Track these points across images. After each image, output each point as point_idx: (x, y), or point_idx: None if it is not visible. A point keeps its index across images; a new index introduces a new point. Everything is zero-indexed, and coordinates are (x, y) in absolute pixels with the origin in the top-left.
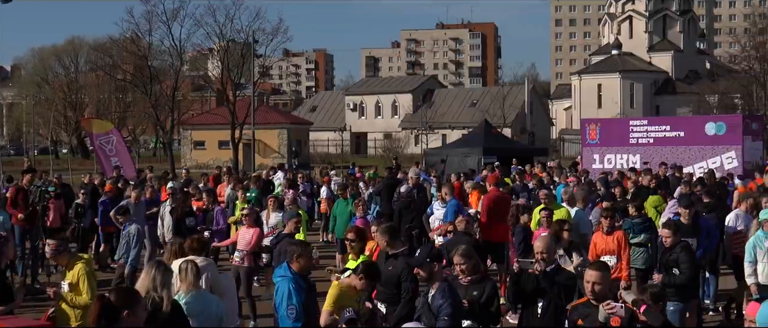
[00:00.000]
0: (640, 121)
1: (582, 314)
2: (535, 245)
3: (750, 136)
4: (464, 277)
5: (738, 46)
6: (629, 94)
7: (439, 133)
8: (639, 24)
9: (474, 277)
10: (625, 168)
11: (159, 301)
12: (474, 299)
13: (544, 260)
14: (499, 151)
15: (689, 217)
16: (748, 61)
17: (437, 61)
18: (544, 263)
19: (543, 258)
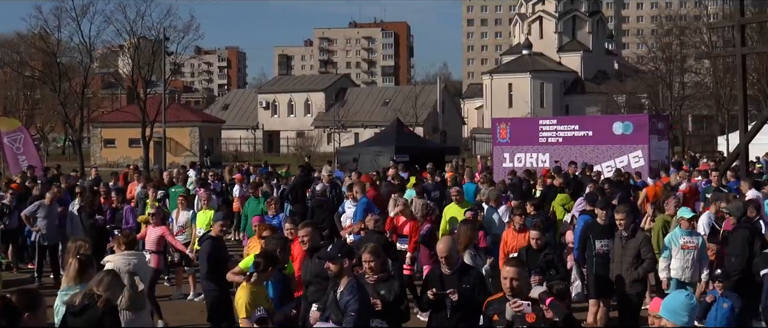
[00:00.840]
0: (550, 121)
1: (498, 309)
2: (438, 247)
3: (656, 136)
4: (372, 275)
5: (645, 47)
6: (539, 94)
7: (351, 131)
8: (549, 24)
9: (382, 275)
10: (534, 167)
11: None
12: (382, 297)
13: (447, 262)
14: (411, 150)
15: (606, 217)
16: (655, 61)
17: (350, 60)
18: (447, 267)
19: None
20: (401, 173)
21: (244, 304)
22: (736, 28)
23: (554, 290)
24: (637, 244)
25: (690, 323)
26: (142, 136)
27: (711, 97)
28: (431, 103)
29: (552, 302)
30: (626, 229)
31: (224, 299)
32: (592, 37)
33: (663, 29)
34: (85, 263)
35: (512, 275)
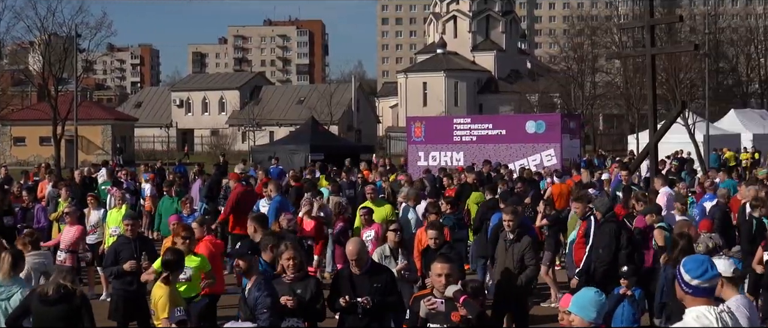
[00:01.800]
0: (464, 120)
1: None
2: (347, 248)
3: (568, 135)
4: (289, 274)
5: (557, 47)
6: (454, 93)
7: (266, 130)
8: (463, 24)
9: (299, 274)
10: (449, 166)
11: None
12: (299, 296)
13: (357, 263)
14: (326, 148)
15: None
16: (567, 61)
17: (265, 58)
18: (357, 268)
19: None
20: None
21: (165, 303)
22: (646, 28)
23: (468, 288)
24: (522, 248)
25: (598, 318)
26: (54, 134)
27: (621, 97)
28: (346, 101)
29: (466, 301)
30: (512, 231)
31: (130, 298)
32: (505, 37)
33: (575, 29)
34: (17, 256)
35: (447, 271)
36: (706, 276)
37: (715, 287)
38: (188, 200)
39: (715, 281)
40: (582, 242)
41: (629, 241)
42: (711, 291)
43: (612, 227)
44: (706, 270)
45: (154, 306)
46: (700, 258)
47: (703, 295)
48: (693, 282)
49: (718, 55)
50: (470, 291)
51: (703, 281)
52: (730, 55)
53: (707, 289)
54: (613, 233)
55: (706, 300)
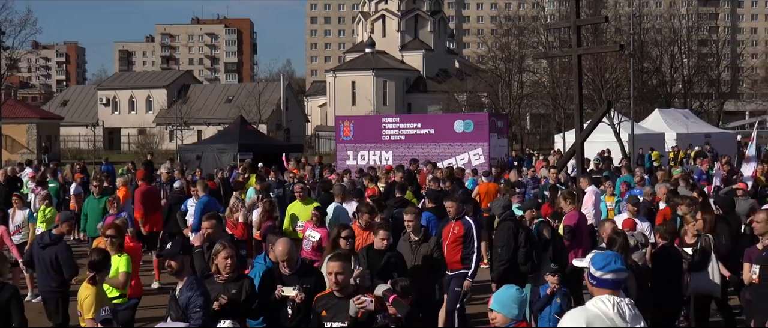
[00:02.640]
0: (393, 119)
1: (325, 305)
2: (276, 249)
3: (496, 134)
4: (224, 274)
5: (485, 46)
6: (382, 92)
7: (194, 129)
8: (392, 23)
9: (232, 274)
10: (378, 164)
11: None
12: (234, 296)
13: (288, 263)
14: (255, 147)
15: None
16: (495, 61)
17: (192, 57)
18: (287, 268)
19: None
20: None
21: (91, 303)
22: (572, 29)
23: (398, 287)
24: (430, 249)
25: (520, 315)
26: None
27: (548, 96)
28: (275, 100)
29: (395, 300)
30: (416, 233)
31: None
32: (433, 37)
33: (502, 29)
34: None
35: (336, 269)
36: (607, 268)
37: (620, 280)
38: (114, 199)
39: (618, 275)
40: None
41: (527, 239)
42: (615, 283)
43: (509, 226)
44: (609, 263)
45: (80, 306)
46: (606, 253)
47: (606, 286)
48: (596, 274)
49: (642, 56)
50: (399, 290)
51: (605, 272)
52: (655, 56)
53: (609, 280)
54: (510, 232)
55: (610, 291)
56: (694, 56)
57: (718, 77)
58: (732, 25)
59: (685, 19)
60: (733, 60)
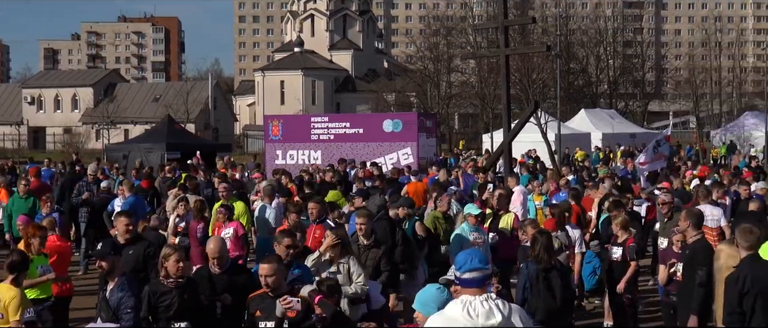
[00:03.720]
0: (322, 118)
1: (259, 305)
2: (208, 247)
3: (425, 134)
4: (174, 279)
5: (413, 46)
6: (311, 92)
7: (121, 128)
8: (320, 22)
9: (183, 279)
10: (307, 164)
11: None
12: (184, 302)
13: (218, 262)
14: (183, 146)
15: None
16: (423, 61)
17: (119, 55)
18: (217, 267)
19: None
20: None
21: (17, 305)
22: (500, 29)
23: (323, 287)
24: (378, 256)
25: None
26: None
27: (476, 96)
28: (203, 99)
29: (321, 300)
30: (367, 237)
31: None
32: (362, 36)
33: (431, 29)
34: None
35: (266, 272)
36: (465, 267)
37: (481, 278)
38: (48, 198)
39: (478, 273)
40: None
41: (403, 238)
42: (477, 282)
43: (384, 225)
44: (467, 262)
45: (4, 309)
46: (466, 252)
47: (468, 286)
48: (457, 274)
49: (569, 56)
50: (325, 290)
51: (463, 272)
52: (581, 56)
53: (469, 280)
54: (386, 231)
55: (473, 290)
56: (620, 57)
57: (642, 78)
58: (656, 27)
59: (610, 21)
60: (658, 61)
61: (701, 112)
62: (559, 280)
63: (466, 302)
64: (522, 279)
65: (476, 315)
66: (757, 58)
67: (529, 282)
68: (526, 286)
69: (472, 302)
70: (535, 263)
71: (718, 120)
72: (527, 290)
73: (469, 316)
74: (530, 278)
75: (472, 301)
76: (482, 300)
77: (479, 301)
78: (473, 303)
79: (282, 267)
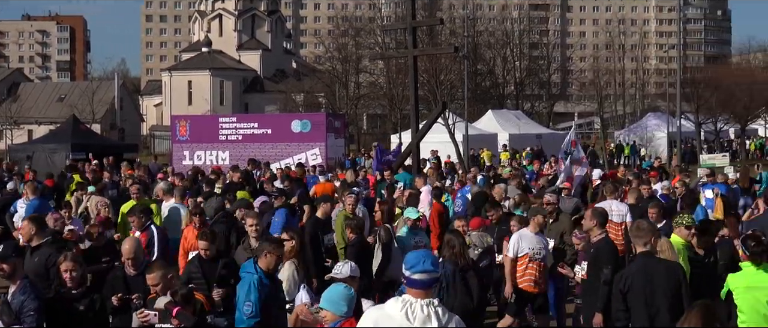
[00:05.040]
0: (230, 119)
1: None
2: (123, 247)
3: (333, 134)
4: (73, 285)
5: (322, 47)
6: (219, 92)
7: (24, 128)
8: (229, 22)
9: (80, 288)
10: (215, 164)
11: None
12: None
13: (133, 263)
14: (88, 147)
15: None
16: (332, 61)
17: (23, 54)
18: (132, 268)
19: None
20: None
21: None
22: (408, 30)
23: (178, 298)
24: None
25: (349, 312)
26: None
27: (385, 97)
28: (109, 99)
29: (179, 312)
30: (258, 239)
31: None
32: (271, 36)
33: (339, 30)
34: None
35: (153, 281)
36: (415, 268)
37: (429, 281)
38: None
39: (427, 276)
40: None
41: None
42: (425, 283)
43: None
44: (418, 263)
45: None
46: (418, 253)
47: (415, 286)
48: (406, 274)
49: (476, 58)
50: (180, 300)
51: (413, 272)
52: (488, 58)
53: (417, 281)
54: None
55: (419, 292)
56: (526, 59)
57: (548, 79)
58: (562, 29)
59: (517, 23)
60: (563, 63)
61: (605, 113)
62: (476, 279)
63: (407, 302)
64: (442, 281)
65: (414, 318)
66: (659, 61)
67: (446, 281)
68: (443, 285)
69: (413, 305)
70: (451, 263)
71: (621, 121)
72: (443, 289)
73: (407, 318)
74: (447, 277)
75: (413, 303)
76: (424, 304)
77: (420, 304)
78: (414, 306)
79: (167, 272)
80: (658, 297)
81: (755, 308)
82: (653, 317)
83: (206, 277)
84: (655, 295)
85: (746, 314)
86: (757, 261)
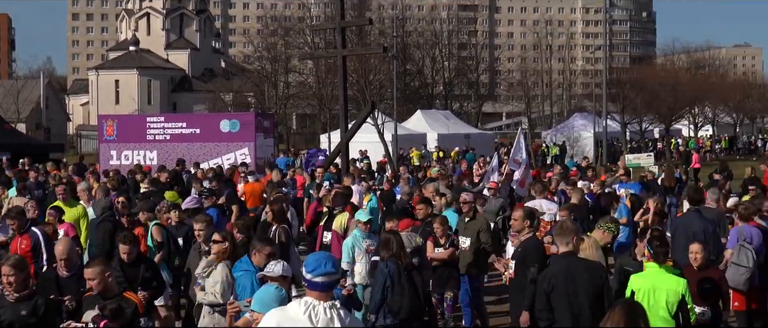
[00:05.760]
0: (158, 118)
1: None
2: (57, 249)
3: (262, 134)
4: (12, 292)
5: (251, 46)
6: (147, 91)
7: None
8: (156, 21)
9: (24, 293)
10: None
11: None
12: (23, 319)
13: (66, 264)
14: (13, 146)
15: None
16: (261, 61)
17: None
18: (65, 269)
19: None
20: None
21: None
22: (337, 30)
23: (107, 312)
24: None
25: None
26: None
27: (314, 97)
28: (34, 98)
29: (106, 325)
30: (206, 242)
31: None
32: (199, 35)
33: (268, 29)
34: None
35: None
36: (317, 271)
37: (331, 283)
38: None
39: (328, 278)
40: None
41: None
42: (326, 286)
43: (107, 227)
44: (320, 266)
45: None
46: (319, 255)
47: (316, 288)
48: (307, 276)
49: (405, 58)
50: (109, 314)
51: (315, 275)
52: (417, 58)
53: (319, 283)
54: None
55: (318, 294)
56: (455, 59)
57: (477, 80)
58: (490, 30)
59: (446, 23)
60: (491, 63)
61: (533, 114)
62: (421, 277)
63: (310, 305)
64: (380, 278)
65: (317, 320)
66: (585, 61)
67: (391, 280)
68: (387, 284)
69: (316, 307)
70: (393, 262)
71: (549, 121)
72: (388, 289)
73: (310, 320)
74: (392, 276)
75: (316, 305)
76: (326, 307)
77: (323, 307)
78: (316, 308)
79: (108, 271)
80: (581, 297)
81: (655, 309)
82: (577, 317)
83: (129, 280)
84: (577, 295)
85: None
86: (660, 261)
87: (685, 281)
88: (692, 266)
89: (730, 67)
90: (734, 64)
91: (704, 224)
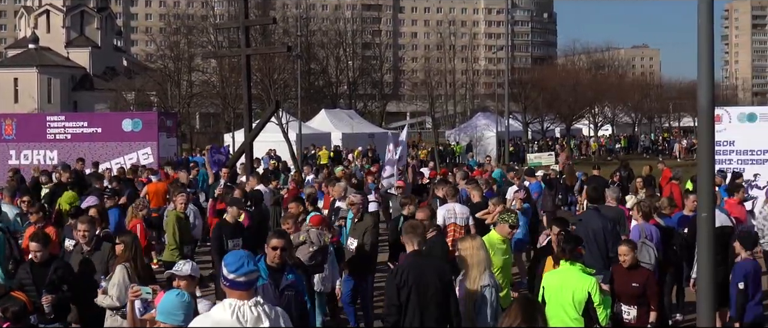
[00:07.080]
0: (58, 117)
1: None
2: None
3: (165, 133)
4: None
5: (154, 45)
6: (47, 90)
7: None
8: (57, 18)
9: None
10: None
11: None
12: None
13: None
14: None
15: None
16: (163, 60)
17: None
18: None
19: None
20: None
21: None
22: (241, 29)
23: (9, 314)
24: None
25: (186, 321)
26: None
27: (217, 96)
28: None
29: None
30: (88, 243)
31: None
32: (101, 33)
33: (171, 28)
34: None
35: None
36: (240, 271)
37: (251, 281)
38: None
39: (250, 276)
40: None
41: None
42: (246, 284)
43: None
44: (242, 265)
45: None
46: (238, 254)
47: (238, 287)
48: (229, 276)
49: (309, 57)
50: (10, 317)
51: (238, 275)
52: (321, 57)
53: (241, 283)
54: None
55: (241, 293)
56: (359, 59)
57: (381, 79)
58: (394, 30)
59: (350, 23)
60: (395, 63)
61: (437, 113)
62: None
63: (235, 306)
64: None
65: (245, 320)
66: (488, 62)
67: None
68: None
69: (241, 307)
70: None
71: (452, 121)
72: None
73: (238, 321)
74: None
75: (241, 306)
76: (251, 305)
77: (248, 306)
78: (242, 309)
79: None
80: (429, 295)
81: (563, 306)
82: (422, 314)
83: (36, 283)
84: (427, 292)
85: (553, 310)
86: (565, 257)
87: (593, 280)
88: (622, 267)
89: (628, 67)
90: (633, 65)
91: (604, 222)
